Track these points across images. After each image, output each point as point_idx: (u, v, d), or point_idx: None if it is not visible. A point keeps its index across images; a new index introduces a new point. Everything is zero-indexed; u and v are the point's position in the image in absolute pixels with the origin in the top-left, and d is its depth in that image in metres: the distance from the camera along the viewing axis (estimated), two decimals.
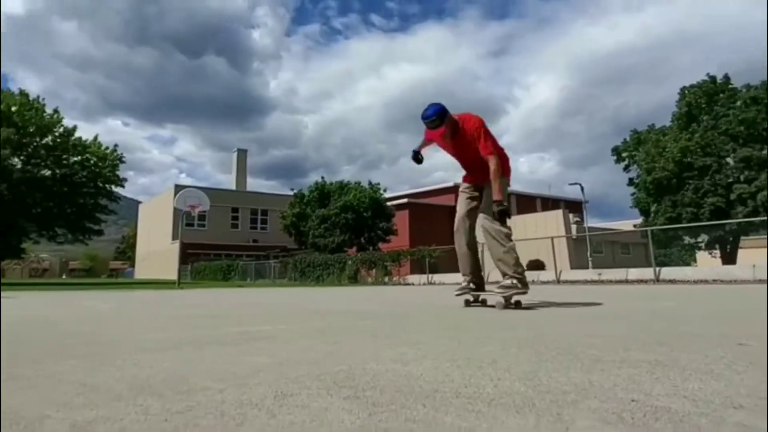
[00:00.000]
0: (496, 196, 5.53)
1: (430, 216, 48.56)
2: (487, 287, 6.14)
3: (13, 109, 35.30)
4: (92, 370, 2.02)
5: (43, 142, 37.33)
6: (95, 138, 39.73)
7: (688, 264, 41.54)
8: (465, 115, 5.75)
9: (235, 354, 2.41)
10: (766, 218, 25.13)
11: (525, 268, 5.84)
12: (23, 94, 37.18)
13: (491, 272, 12.75)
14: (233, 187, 66.10)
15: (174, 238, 53.94)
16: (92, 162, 38.39)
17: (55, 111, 37.82)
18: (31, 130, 36.06)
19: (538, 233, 41.66)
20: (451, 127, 5.68)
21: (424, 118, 5.59)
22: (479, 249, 6.41)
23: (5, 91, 36.94)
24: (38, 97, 37.72)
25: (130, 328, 3.91)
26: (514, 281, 5.58)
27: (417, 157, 6.14)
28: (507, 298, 5.49)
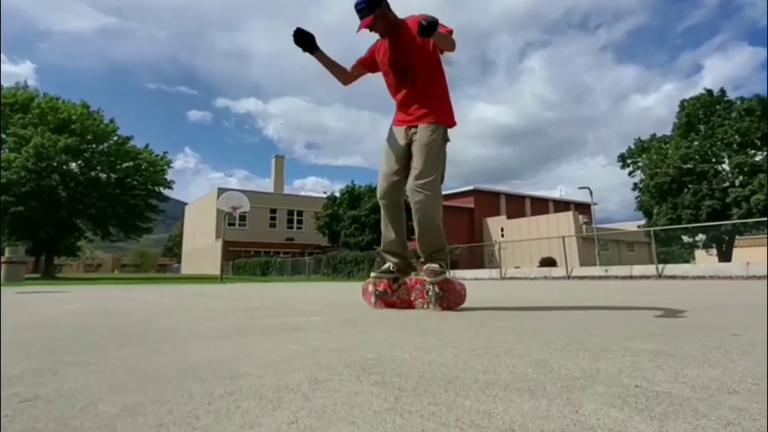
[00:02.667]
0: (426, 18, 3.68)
1: (452, 216, 48.50)
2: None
3: (74, 117, 35.79)
4: (145, 357, 2.05)
5: (100, 148, 37.83)
6: (146, 146, 40.20)
7: (688, 261, 41.13)
8: (414, 17, 4.17)
9: (273, 342, 2.43)
10: (760, 219, 24.95)
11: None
12: (84, 105, 37.70)
13: (507, 270, 12.76)
14: (272, 189, 66.39)
15: (217, 236, 54.27)
16: (143, 167, 38.83)
17: (111, 121, 38.33)
18: (90, 137, 36.55)
19: (550, 233, 41.53)
20: (383, 22, 4.22)
21: (355, 5, 4.10)
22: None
23: (67, 103, 37.44)
24: (99, 109, 38.30)
25: (179, 319, 3.94)
26: (442, 264, 4.36)
27: (301, 38, 4.33)
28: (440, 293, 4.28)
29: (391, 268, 4.61)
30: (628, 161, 42.97)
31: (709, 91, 37.60)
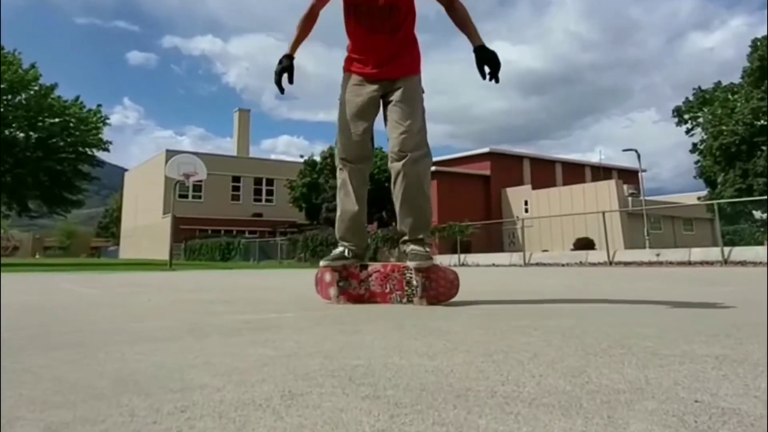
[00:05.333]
0: (478, 40, 4.23)
1: (463, 187, 48.51)
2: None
3: None
4: (74, 364, 2.04)
5: (16, 101, 37.40)
6: (77, 98, 39.78)
7: (761, 243, 41.19)
8: None
9: (236, 345, 2.43)
10: None
11: None
12: None
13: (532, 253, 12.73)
14: (234, 152, 66.24)
15: (165, 211, 54.23)
16: (72, 124, 38.46)
17: (32, 66, 37.85)
18: (3, 86, 36.12)
19: (587, 207, 41.61)
20: None
21: None
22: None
23: None
24: (14, 50, 37.77)
25: (118, 315, 3.94)
26: (427, 249, 4.34)
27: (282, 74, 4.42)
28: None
29: (347, 254, 4.57)
30: (686, 116, 42.97)
31: None
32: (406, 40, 4.46)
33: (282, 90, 4.39)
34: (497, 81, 4.12)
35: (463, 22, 4.36)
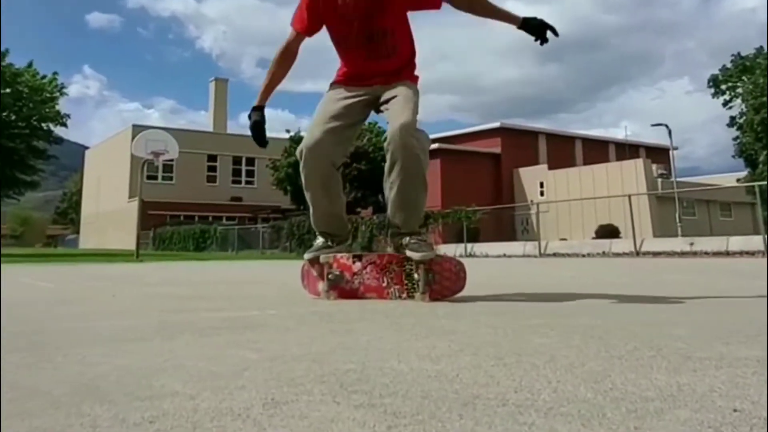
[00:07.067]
0: (516, 19, 4.46)
1: (470, 166, 48.49)
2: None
3: None
4: (30, 368, 2.04)
5: None
6: (30, 64, 39.58)
7: None
8: None
9: (212, 347, 2.43)
10: None
11: None
12: None
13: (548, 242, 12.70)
14: (210, 128, 66.10)
15: (131, 194, 54.13)
16: (24, 94, 38.27)
17: None
18: None
19: (611, 190, 41.56)
20: None
21: None
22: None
23: None
24: None
25: (78, 313, 3.94)
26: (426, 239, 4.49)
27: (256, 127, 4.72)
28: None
29: (330, 243, 4.62)
30: (723, 86, 42.90)
31: None
32: (405, 56, 4.61)
33: (264, 144, 4.62)
34: (557, 34, 4.39)
35: (489, 9, 4.48)
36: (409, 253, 4.26)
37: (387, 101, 4.43)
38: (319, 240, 4.65)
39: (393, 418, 1.41)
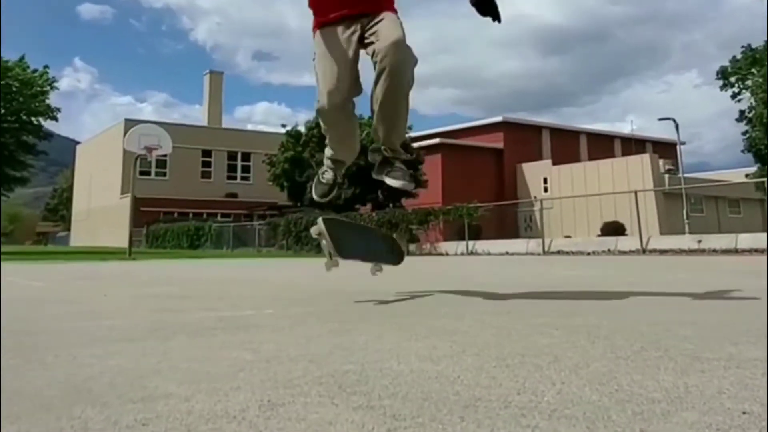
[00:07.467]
0: None
1: (471, 162, 48.40)
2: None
3: None
4: (18, 370, 2.04)
5: None
6: (21, 58, 39.52)
7: None
8: None
9: (207, 348, 2.43)
10: None
11: None
12: None
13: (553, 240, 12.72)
14: (204, 122, 66.03)
15: (124, 191, 54.08)
16: (14, 88, 38.22)
17: None
18: None
19: (616, 186, 41.55)
20: None
21: None
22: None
23: None
24: None
25: (69, 313, 3.94)
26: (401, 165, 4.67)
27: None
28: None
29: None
30: (732, 79, 42.83)
31: None
32: None
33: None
34: (499, 21, 4.32)
35: None
36: (388, 180, 4.39)
37: (372, 26, 4.41)
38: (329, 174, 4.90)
39: (393, 421, 1.41)
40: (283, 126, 45.12)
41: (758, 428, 1.34)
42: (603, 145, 57.13)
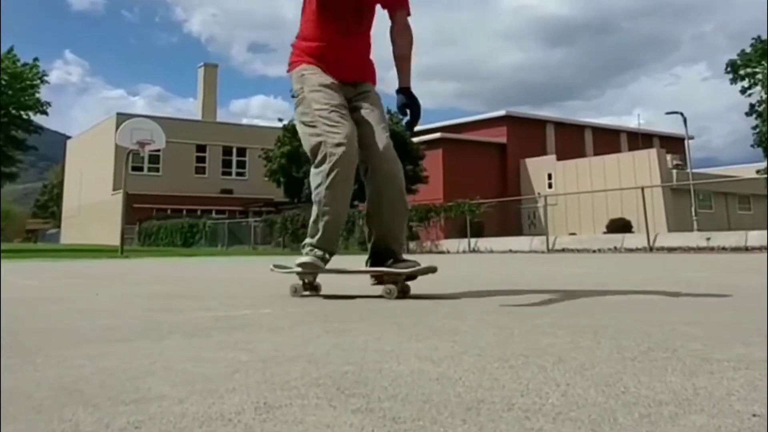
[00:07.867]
0: (405, 80, 4.71)
1: (473, 157, 48.43)
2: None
3: None
4: (7, 371, 2.04)
5: None
6: (10, 50, 39.54)
7: None
8: None
9: (202, 348, 2.43)
10: None
11: None
12: None
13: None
14: (198, 116, 66.01)
15: (116, 187, 54.04)
16: (3, 81, 38.26)
17: None
18: None
19: (623, 182, 41.56)
20: None
21: None
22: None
23: None
24: None
25: (60, 312, 3.94)
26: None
27: None
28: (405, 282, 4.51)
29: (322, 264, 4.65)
30: (742, 72, 42.81)
31: None
32: (369, 44, 4.79)
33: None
34: (412, 133, 4.49)
35: (400, 49, 4.71)
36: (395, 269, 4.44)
37: (361, 107, 4.56)
38: (308, 257, 4.60)
39: (392, 423, 1.41)
40: (280, 120, 45.14)
41: None
42: (609, 140, 57.16)
